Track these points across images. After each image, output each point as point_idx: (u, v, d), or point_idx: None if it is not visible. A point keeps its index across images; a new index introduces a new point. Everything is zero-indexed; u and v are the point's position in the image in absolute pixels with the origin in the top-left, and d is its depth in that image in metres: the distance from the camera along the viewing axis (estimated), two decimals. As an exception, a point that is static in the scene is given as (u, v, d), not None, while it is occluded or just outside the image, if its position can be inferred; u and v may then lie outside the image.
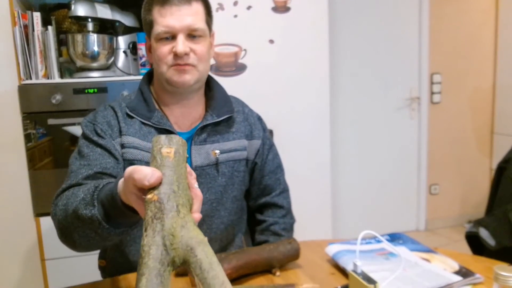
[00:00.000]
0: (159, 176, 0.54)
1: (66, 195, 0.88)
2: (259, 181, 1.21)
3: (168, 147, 0.57)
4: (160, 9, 1.00)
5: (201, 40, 1.03)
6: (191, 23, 1.00)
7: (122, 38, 2.04)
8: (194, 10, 1.01)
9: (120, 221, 0.74)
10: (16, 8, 1.79)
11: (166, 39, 1.01)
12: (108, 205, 0.72)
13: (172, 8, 0.99)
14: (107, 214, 0.74)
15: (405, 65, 3.19)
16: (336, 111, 2.99)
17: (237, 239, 1.20)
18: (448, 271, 0.90)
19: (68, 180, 0.95)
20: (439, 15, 3.18)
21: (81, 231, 0.80)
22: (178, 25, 0.99)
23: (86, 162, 0.98)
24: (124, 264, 1.08)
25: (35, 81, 1.82)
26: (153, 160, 0.57)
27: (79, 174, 0.94)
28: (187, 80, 1.02)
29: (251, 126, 1.18)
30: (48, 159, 1.84)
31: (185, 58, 1.00)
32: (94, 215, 0.74)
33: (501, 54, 3.32)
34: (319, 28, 2.35)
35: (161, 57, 1.01)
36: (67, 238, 0.86)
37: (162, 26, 0.99)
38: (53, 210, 0.90)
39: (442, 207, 3.43)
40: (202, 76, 1.06)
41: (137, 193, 0.59)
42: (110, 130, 1.04)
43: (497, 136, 3.40)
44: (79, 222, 0.80)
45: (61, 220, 0.85)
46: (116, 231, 0.75)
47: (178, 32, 0.99)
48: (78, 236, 0.82)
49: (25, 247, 1.85)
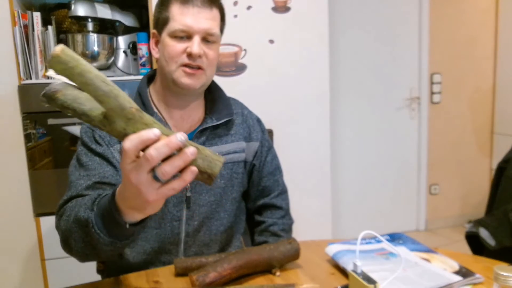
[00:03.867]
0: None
1: (69, 206, 0.89)
2: (257, 182, 1.21)
3: None
4: (181, 7, 1.00)
5: (214, 45, 1.03)
6: (209, 27, 1.00)
7: (122, 38, 2.04)
8: (213, 15, 1.01)
9: (113, 230, 0.73)
10: (16, 8, 1.79)
11: (181, 38, 1.00)
12: (104, 208, 0.73)
13: (194, 9, 0.99)
14: (103, 219, 0.74)
15: (405, 65, 3.19)
16: (336, 111, 2.99)
17: (236, 240, 1.20)
18: (448, 271, 0.90)
19: (68, 191, 0.95)
20: (439, 15, 3.18)
21: (77, 235, 0.81)
22: (197, 26, 0.99)
23: (85, 172, 0.98)
24: (123, 267, 1.08)
25: (35, 81, 1.82)
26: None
27: (79, 186, 0.94)
28: (194, 84, 1.02)
29: (249, 128, 1.18)
30: (48, 159, 1.84)
31: (198, 60, 1.00)
32: (90, 218, 0.75)
33: (501, 54, 3.32)
34: (319, 28, 2.35)
35: (173, 55, 1.00)
36: (66, 244, 0.87)
37: (181, 24, 0.99)
38: (57, 221, 0.91)
39: (442, 207, 3.43)
40: (208, 81, 1.07)
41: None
42: (108, 137, 1.03)
43: (497, 136, 3.40)
44: (76, 225, 0.80)
45: (64, 231, 0.86)
46: (105, 240, 0.74)
47: (195, 34, 0.99)
48: (74, 241, 0.83)
49: (25, 247, 1.85)
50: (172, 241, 1.07)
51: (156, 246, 1.07)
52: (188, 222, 1.07)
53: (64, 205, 0.91)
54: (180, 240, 1.08)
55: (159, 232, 1.06)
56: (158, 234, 1.06)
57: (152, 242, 1.07)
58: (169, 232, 1.07)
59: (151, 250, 1.07)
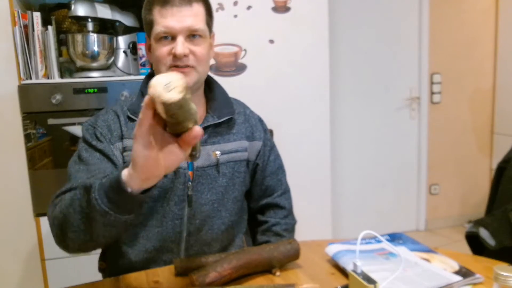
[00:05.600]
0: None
1: (67, 195, 0.87)
2: (260, 182, 1.22)
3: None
4: (160, 10, 1.00)
5: (201, 41, 1.02)
6: (191, 24, 0.99)
7: (122, 38, 2.04)
8: (195, 11, 1.00)
9: (113, 198, 0.72)
10: (16, 8, 1.79)
11: (166, 39, 1.00)
12: (110, 178, 0.72)
13: (172, 9, 0.99)
14: (105, 188, 0.73)
15: (405, 65, 3.19)
16: (336, 111, 2.99)
17: (237, 239, 1.20)
18: (448, 271, 0.90)
19: (68, 184, 0.94)
20: (439, 15, 3.18)
21: (74, 210, 0.78)
22: (178, 26, 0.99)
23: (85, 166, 0.98)
24: (124, 266, 1.08)
25: (35, 81, 1.82)
26: None
27: (79, 178, 0.94)
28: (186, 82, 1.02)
29: (252, 128, 1.18)
30: (48, 159, 1.84)
31: (184, 59, 1.00)
32: (94, 184, 0.74)
33: (501, 54, 3.32)
34: (319, 28, 2.35)
35: (160, 58, 1.01)
36: (60, 230, 0.84)
37: (162, 26, 0.99)
38: (50, 210, 0.89)
39: (442, 207, 3.43)
40: (201, 77, 1.06)
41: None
42: (109, 135, 1.04)
43: (497, 136, 3.40)
44: (77, 194, 0.79)
45: (59, 214, 0.84)
46: (101, 209, 0.72)
47: (178, 33, 0.99)
48: (71, 221, 0.80)
49: (25, 247, 1.85)
50: (174, 239, 1.08)
51: (157, 244, 1.07)
52: (189, 221, 1.08)
53: (61, 195, 0.90)
54: (181, 239, 1.08)
55: (160, 231, 1.06)
56: (159, 233, 1.06)
57: (153, 240, 1.07)
58: (171, 231, 1.07)
59: (152, 248, 1.07)
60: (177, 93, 0.61)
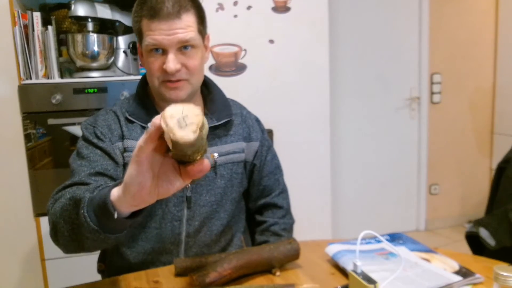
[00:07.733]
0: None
1: (69, 189, 0.86)
2: (258, 182, 1.22)
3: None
4: (148, 22, 0.95)
5: (193, 52, 0.99)
6: (181, 37, 0.95)
7: (122, 38, 2.04)
8: (185, 22, 0.95)
9: (101, 219, 0.70)
10: (16, 8, 1.79)
11: (156, 52, 0.97)
12: (101, 195, 0.69)
13: (160, 23, 0.93)
14: (94, 206, 0.71)
15: (405, 65, 3.19)
16: (336, 111, 2.99)
17: (236, 239, 1.20)
18: (448, 271, 0.90)
19: (71, 178, 0.94)
20: (439, 15, 3.18)
21: (68, 216, 0.77)
22: (168, 41, 0.94)
23: (87, 162, 0.97)
24: (123, 267, 1.08)
25: (35, 81, 1.82)
26: None
27: (82, 172, 0.94)
28: (180, 96, 1.00)
29: (249, 128, 1.18)
30: (48, 159, 1.84)
31: (176, 74, 0.97)
32: (84, 198, 0.72)
33: (501, 54, 3.32)
34: (319, 28, 2.35)
35: (153, 72, 0.99)
36: (53, 230, 0.83)
37: (152, 39, 0.95)
38: (50, 205, 0.87)
39: (442, 207, 3.43)
40: (195, 88, 1.05)
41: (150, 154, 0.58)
42: (110, 134, 1.04)
43: (497, 136, 3.40)
44: (70, 203, 0.77)
45: (55, 213, 0.82)
46: (90, 227, 0.70)
47: (168, 48, 0.95)
48: (63, 223, 0.78)
49: (25, 247, 1.85)
50: (173, 241, 1.07)
51: (156, 246, 1.07)
52: (189, 222, 1.08)
53: (63, 190, 0.88)
54: (181, 241, 1.08)
55: (159, 232, 1.06)
56: (158, 234, 1.06)
57: (152, 242, 1.07)
58: (170, 232, 1.07)
59: (151, 250, 1.07)
60: (191, 132, 0.52)
